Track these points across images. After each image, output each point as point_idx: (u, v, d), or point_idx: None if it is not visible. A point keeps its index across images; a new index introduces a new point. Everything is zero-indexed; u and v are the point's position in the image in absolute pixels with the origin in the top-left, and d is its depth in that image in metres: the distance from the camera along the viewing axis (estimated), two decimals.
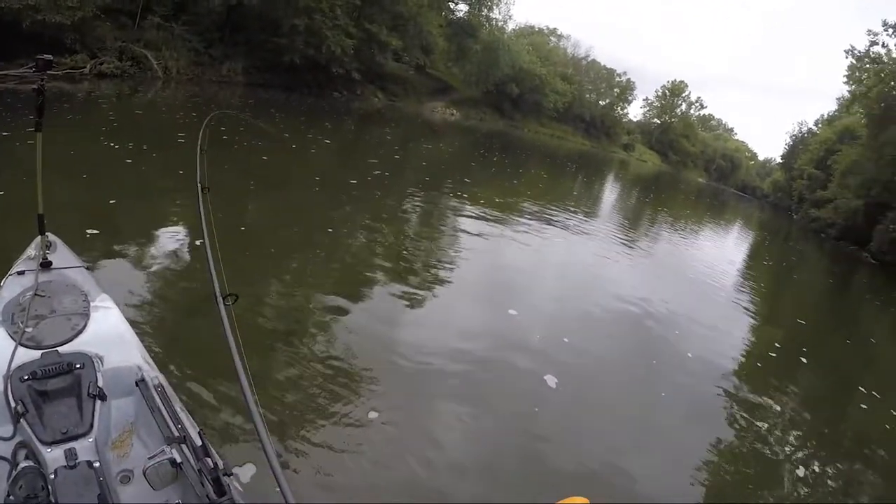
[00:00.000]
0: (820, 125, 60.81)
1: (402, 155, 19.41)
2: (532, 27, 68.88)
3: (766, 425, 6.15)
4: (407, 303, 6.59)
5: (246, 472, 3.47)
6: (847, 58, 33.73)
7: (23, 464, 2.10)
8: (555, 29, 73.03)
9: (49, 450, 2.23)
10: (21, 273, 3.18)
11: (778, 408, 6.74)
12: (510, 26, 55.53)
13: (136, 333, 3.03)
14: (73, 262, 3.42)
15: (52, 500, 1.94)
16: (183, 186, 8.15)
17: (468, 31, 45.56)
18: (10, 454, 2.22)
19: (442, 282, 7.61)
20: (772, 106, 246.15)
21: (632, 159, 74.85)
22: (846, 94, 39.71)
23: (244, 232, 7.51)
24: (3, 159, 8.10)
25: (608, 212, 20.68)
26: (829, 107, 71.64)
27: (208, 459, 2.10)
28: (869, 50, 32.84)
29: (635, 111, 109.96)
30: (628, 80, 78.25)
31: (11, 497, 1.90)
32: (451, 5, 44.99)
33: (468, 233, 10.37)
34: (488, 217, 11.90)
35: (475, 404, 4.86)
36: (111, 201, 7.26)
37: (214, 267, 2.67)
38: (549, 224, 13.15)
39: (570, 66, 66.52)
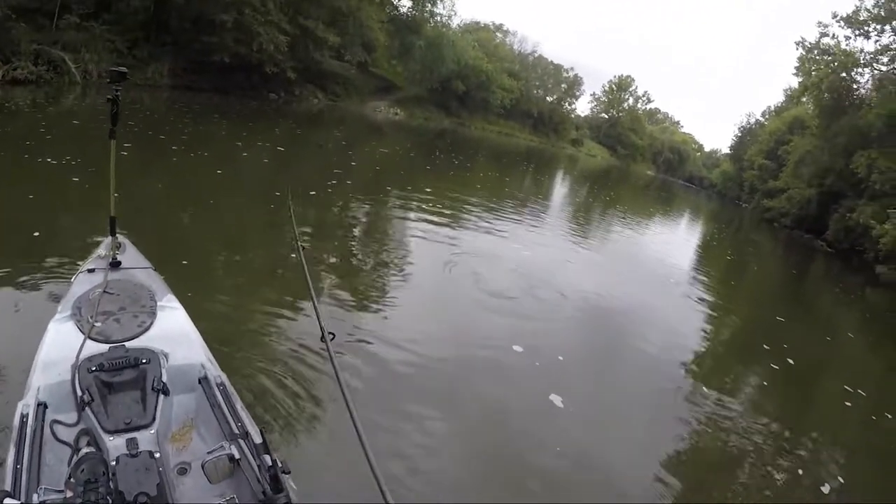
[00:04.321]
0: (768, 117, 61.18)
1: (358, 160, 18.66)
2: (478, 23, 67.77)
3: (752, 424, 6.08)
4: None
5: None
6: (797, 49, 34.02)
7: (84, 449, 2.15)
8: (501, 24, 72.27)
9: (111, 438, 2.31)
10: (91, 271, 3.40)
11: (765, 409, 6.67)
12: (455, 22, 54.56)
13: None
14: (141, 263, 3.62)
15: (112, 486, 1.97)
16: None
17: (411, 27, 44.38)
18: (72, 440, 2.28)
19: (431, 291, 7.69)
20: (714, 97, 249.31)
21: (581, 154, 75.04)
22: (793, 86, 40.01)
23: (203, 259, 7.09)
24: None
25: (570, 207, 21.34)
26: (776, 98, 72.45)
27: (267, 457, 2.19)
28: (819, 41, 33.21)
29: (583, 107, 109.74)
30: (575, 75, 78.17)
31: (72, 479, 1.95)
32: (394, 1, 43.83)
33: (437, 241, 10.09)
34: (454, 224, 11.63)
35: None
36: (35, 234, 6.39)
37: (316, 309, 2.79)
38: (512, 223, 13.24)
39: (516, 62, 65.86)
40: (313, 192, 11.41)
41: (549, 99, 75.63)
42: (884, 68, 30.81)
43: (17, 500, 1.90)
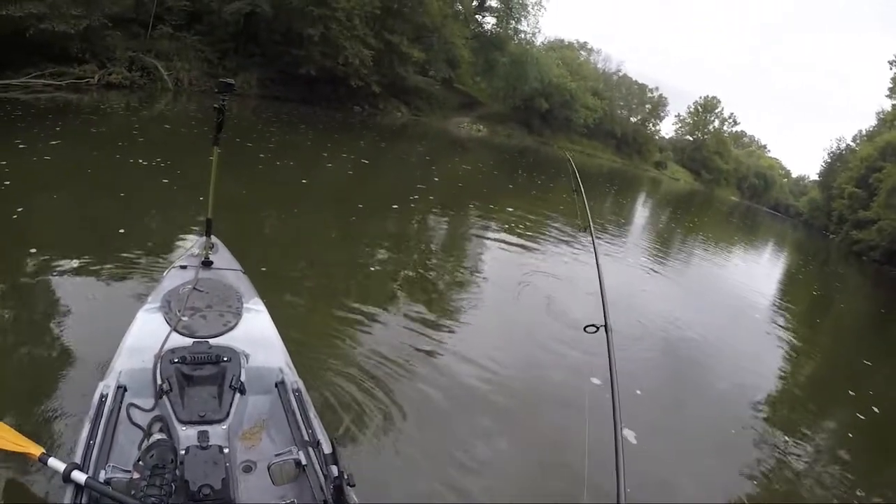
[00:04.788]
0: (858, 142, 57.21)
1: (440, 175, 18.71)
2: (561, 41, 67.06)
3: (829, 475, 5.63)
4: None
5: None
6: (891, 69, 31.72)
7: (156, 436, 2.26)
8: (585, 43, 71.25)
9: (184, 428, 2.39)
10: (183, 267, 3.54)
11: (844, 460, 6.07)
12: (539, 39, 54.23)
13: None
14: (232, 265, 3.75)
15: (178, 474, 2.04)
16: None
17: (496, 43, 44.28)
18: (145, 424, 2.42)
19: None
20: (804, 122, 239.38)
21: (664, 177, 73.11)
22: (886, 109, 37.41)
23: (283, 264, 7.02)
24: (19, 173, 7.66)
25: (650, 232, 20.58)
26: (867, 123, 68.66)
27: (334, 467, 2.24)
28: None
29: (667, 128, 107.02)
30: (660, 95, 75.99)
31: (141, 462, 2.07)
32: (478, 18, 43.96)
33: (515, 261, 9.89)
34: (533, 245, 11.32)
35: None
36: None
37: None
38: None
39: (600, 80, 64.78)
40: (395, 206, 11.33)
41: (632, 119, 73.99)
42: None
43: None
